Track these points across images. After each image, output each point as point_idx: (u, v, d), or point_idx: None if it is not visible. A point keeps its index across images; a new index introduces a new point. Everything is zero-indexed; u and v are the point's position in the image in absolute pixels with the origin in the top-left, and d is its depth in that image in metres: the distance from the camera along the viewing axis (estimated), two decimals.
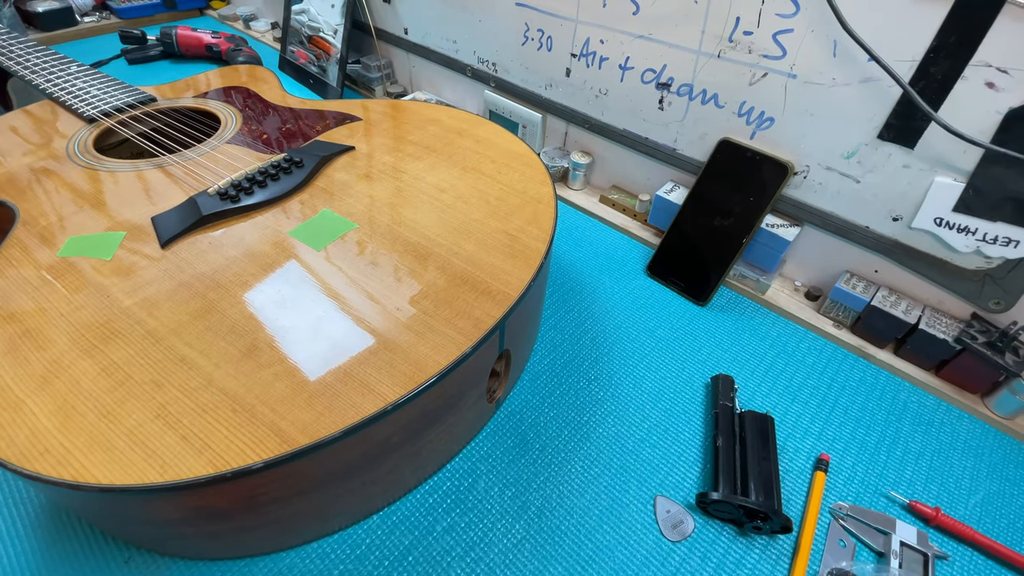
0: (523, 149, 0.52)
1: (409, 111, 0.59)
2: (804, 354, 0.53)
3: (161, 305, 0.35)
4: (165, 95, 0.62)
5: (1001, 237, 0.44)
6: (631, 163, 0.67)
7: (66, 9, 1.04)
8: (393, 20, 0.84)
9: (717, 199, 0.57)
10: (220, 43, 0.96)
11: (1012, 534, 0.40)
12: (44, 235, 0.41)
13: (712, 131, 0.57)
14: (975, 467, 0.45)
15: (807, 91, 0.49)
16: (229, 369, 0.31)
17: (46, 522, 0.37)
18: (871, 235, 0.51)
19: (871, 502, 0.42)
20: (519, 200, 0.46)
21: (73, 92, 0.58)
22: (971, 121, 0.41)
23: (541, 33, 0.66)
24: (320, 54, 0.88)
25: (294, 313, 0.35)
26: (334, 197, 0.45)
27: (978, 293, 0.47)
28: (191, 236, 0.41)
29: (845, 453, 0.45)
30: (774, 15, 0.47)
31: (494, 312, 0.36)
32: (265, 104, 0.61)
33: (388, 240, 0.41)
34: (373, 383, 0.31)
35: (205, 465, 0.27)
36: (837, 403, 0.49)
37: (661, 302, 0.58)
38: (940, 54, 0.41)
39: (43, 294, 0.36)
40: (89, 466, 0.27)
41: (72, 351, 0.32)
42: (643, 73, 0.59)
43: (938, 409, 0.49)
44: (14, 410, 0.29)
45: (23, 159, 0.49)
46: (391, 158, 0.51)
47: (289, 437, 0.28)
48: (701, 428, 0.46)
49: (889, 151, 0.47)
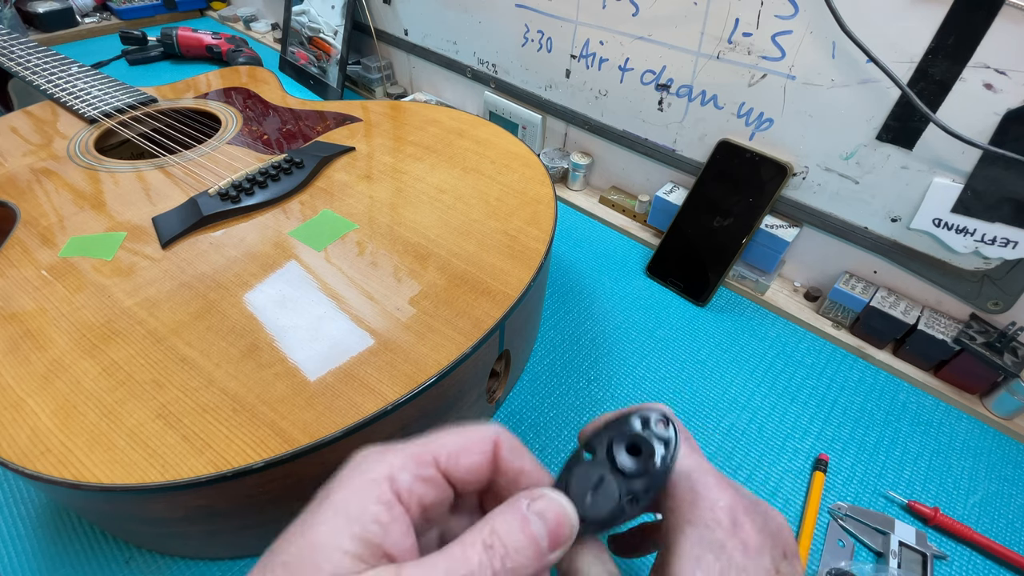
0: (523, 150, 0.52)
1: (409, 112, 0.59)
2: (803, 354, 0.53)
3: (162, 305, 0.35)
4: (166, 96, 0.62)
5: (999, 238, 0.44)
6: (631, 164, 0.67)
7: (67, 10, 1.04)
8: (393, 21, 0.84)
9: (716, 200, 0.57)
10: (220, 44, 0.96)
11: (1011, 534, 0.40)
12: (45, 235, 0.41)
13: (711, 132, 0.57)
14: (974, 467, 0.45)
15: (806, 92, 0.49)
16: (230, 369, 0.31)
17: (47, 522, 0.38)
18: (870, 236, 0.51)
19: (870, 502, 0.42)
20: (519, 201, 0.46)
21: (74, 93, 0.58)
22: (969, 122, 0.42)
23: (541, 34, 0.66)
24: (320, 55, 0.88)
25: (294, 313, 0.35)
26: (334, 198, 0.46)
27: (976, 294, 0.47)
28: (192, 236, 0.41)
29: (844, 453, 0.45)
30: (773, 16, 0.47)
31: (494, 312, 0.36)
32: (265, 105, 0.61)
33: (388, 240, 0.41)
34: (373, 383, 0.31)
35: (206, 465, 0.27)
36: (836, 403, 0.49)
37: (660, 303, 0.58)
38: (938, 55, 0.41)
39: (44, 294, 0.36)
40: (90, 466, 0.27)
41: (73, 351, 0.32)
42: (643, 74, 0.59)
43: (937, 409, 0.49)
44: (15, 410, 0.29)
45: (24, 160, 0.49)
46: (391, 159, 0.51)
47: (290, 437, 0.28)
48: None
49: (888, 152, 0.47)
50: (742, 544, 0.20)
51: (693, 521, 0.20)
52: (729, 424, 0.46)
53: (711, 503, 0.20)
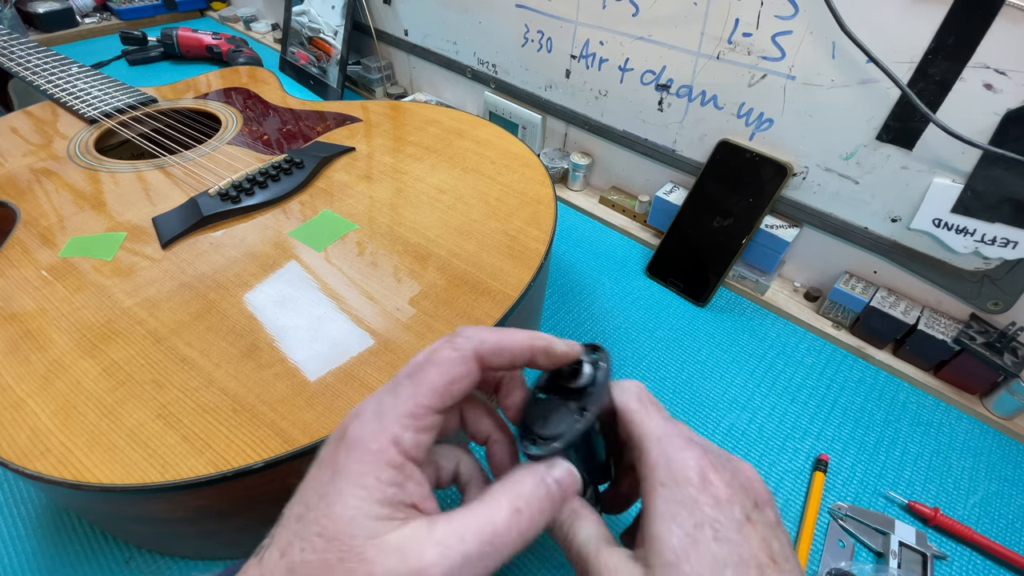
0: (523, 150, 0.52)
1: (409, 112, 0.59)
2: (803, 354, 0.53)
3: (162, 305, 0.35)
4: (166, 96, 0.62)
5: (999, 238, 0.44)
6: (631, 164, 0.67)
7: (67, 10, 1.04)
8: (393, 21, 0.84)
9: (716, 200, 0.57)
10: (221, 44, 0.96)
11: (1010, 534, 0.40)
12: (45, 236, 0.41)
13: (711, 132, 0.57)
14: (974, 467, 0.45)
15: (806, 92, 0.49)
16: (230, 369, 0.31)
17: (47, 522, 0.37)
18: (870, 236, 0.51)
19: (870, 502, 0.42)
20: (519, 201, 0.46)
21: (74, 93, 0.58)
22: (969, 122, 0.42)
23: (541, 34, 0.66)
24: (320, 55, 0.88)
25: (295, 313, 0.35)
26: (334, 198, 0.46)
27: (976, 294, 0.47)
28: (192, 237, 0.41)
29: (844, 453, 0.45)
30: (773, 17, 0.47)
31: (494, 312, 0.36)
32: (265, 105, 0.61)
33: (388, 241, 0.41)
34: (374, 383, 0.31)
35: (206, 465, 0.27)
36: (836, 403, 0.49)
37: (660, 303, 0.58)
38: (938, 56, 0.41)
39: (44, 294, 0.36)
40: (90, 466, 0.27)
41: (73, 351, 0.32)
42: (643, 74, 0.59)
43: (937, 409, 0.49)
44: (15, 410, 0.29)
45: (24, 160, 0.49)
46: (391, 159, 0.51)
47: (290, 437, 0.28)
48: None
49: (888, 152, 0.47)
50: (712, 498, 0.21)
51: (665, 482, 0.22)
52: (729, 424, 0.46)
53: (680, 463, 0.22)
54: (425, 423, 0.21)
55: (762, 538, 0.21)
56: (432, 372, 0.21)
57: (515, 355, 0.23)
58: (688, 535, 0.20)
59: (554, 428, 0.23)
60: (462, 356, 0.21)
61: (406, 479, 0.20)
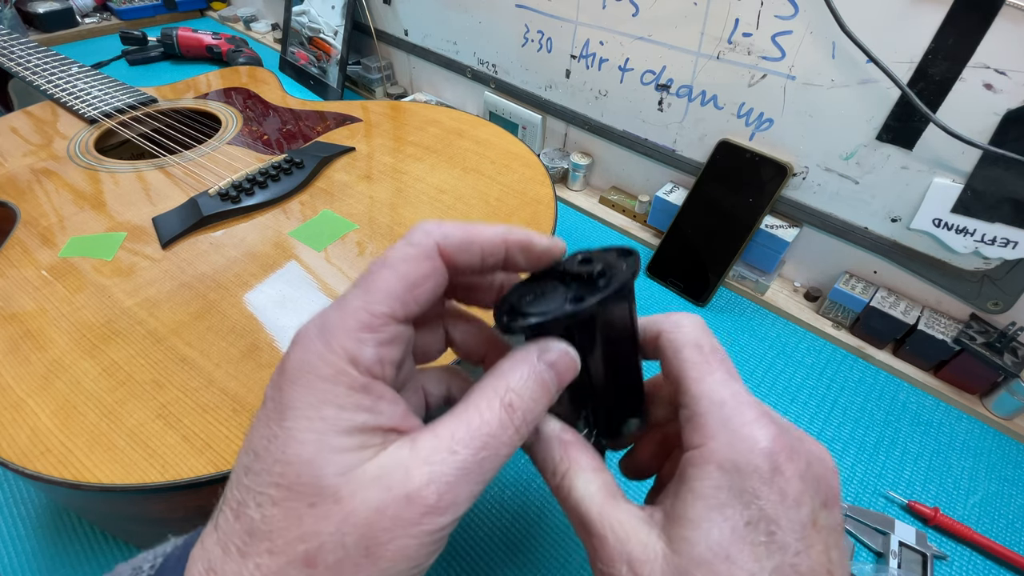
0: (523, 150, 0.52)
1: (409, 112, 0.59)
2: (803, 354, 0.53)
3: (162, 305, 0.35)
4: (166, 96, 0.62)
5: (999, 238, 0.44)
6: (631, 164, 0.67)
7: (67, 10, 1.04)
8: (393, 21, 0.84)
9: (716, 200, 0.57)
10: (221, 44, 0.96)
11: (1011, 534, 0.40)
12: (45, 236, 0.41)
13: (711, 132, 0.57)
14: (974, 467, 0.45)
15: (806, 92, 0.49)
16: (230, 369, 0.31)
17: (47, 522, 0.37)
18: (870, 236, 0.51)
19: (870, 502, 0.42)
20: (519, 201, 0.46)
21: (74, 93, 0.58)
22: (969, 122, 0.42)
23: (541, 34, 0.66)
24: (320, 55, 0.88)
25: (294, 313, 0.35)
26: (334, 198, 0.46)
27: (976, 294, 0.47)
28: (192, 237, 0.41)
29: (844, 453, 0.45)
30: (773, 17, 0.47)
31: None
32: (265, 105, 0.61)
33: (388, 240, 0.41)
34: None
35: (206, 465, 0.27)
36: (836, 403, 0.49)
37: (660, 303, 0.58)
38: (938, 56, 0.41)
39: (44, 294, 0.36)
40: (90, 466, 0.27)
41: (73, 351, 0.32)
42: (643, 74, 0.59)
43: (937, 409, 0.49)
44: (15, 410, 0.29)
45: (24, 160, 0.49)
46: (391, 159, 0.51)
47: None
48: None
49: (888, 152, 0.47)
50: (780, 494, 0.17)
51: (724, 464, 0.17)
52: None
53: (748, 443, 0.17)
54: (386, 335, 0.17)
55: (825, 546, 0.17)
56: (386, 275, 0.17)
57: (486, 250, 0.19)
58: (735, 531, 0.16)
59: (541, 307, 0.19)
60: (422, 251, 0.18)
61: (376, 400, 0.16)
